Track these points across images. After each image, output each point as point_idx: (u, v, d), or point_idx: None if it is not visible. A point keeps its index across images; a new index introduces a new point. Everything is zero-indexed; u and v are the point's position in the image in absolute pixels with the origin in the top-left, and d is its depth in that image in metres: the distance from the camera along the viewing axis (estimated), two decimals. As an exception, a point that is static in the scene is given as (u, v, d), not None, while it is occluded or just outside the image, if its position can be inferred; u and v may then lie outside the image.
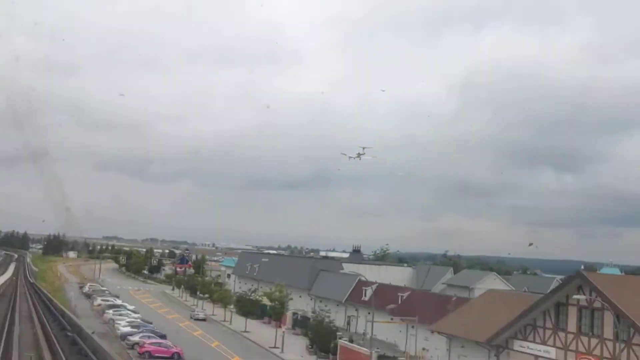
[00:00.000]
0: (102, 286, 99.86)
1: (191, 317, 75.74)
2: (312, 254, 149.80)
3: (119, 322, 60.26)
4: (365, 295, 69.09)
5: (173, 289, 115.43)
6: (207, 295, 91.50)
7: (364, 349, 50.51)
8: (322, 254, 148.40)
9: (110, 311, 67.23)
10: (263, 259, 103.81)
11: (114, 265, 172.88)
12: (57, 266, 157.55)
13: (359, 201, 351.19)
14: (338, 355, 52.90)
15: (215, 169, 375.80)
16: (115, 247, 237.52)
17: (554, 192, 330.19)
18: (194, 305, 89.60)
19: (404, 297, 64.34)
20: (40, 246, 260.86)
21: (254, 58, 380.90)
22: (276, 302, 59.22)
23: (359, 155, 58.97)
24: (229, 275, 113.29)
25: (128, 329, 55.68)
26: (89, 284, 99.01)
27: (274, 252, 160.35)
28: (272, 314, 60.63)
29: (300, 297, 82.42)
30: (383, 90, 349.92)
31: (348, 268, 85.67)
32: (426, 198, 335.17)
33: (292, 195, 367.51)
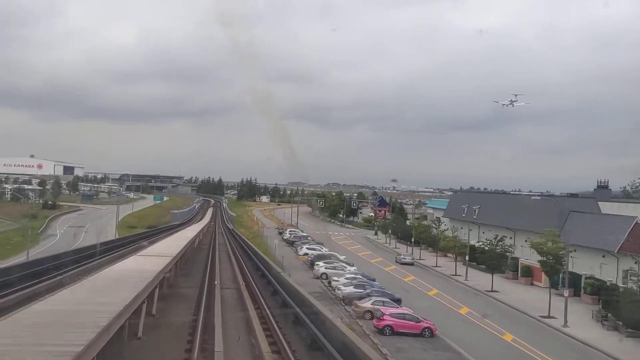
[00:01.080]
0: (302, 232, 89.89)
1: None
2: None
3: (335, 278, 47.45)
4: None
5: (376, 234, 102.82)
6: (426, 245, 77.02)
7: None
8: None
9: (321, 263, 55.02)
10: (487, 200, 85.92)
11: (306, 209, 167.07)
12: (252, 210, 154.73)
13: (543, 139, 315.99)
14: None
15: (391, 113, 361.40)
16: (305, 192, 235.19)
17: None
18: (410, 256, 75.23)
19: None
20: (235, 192, 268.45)
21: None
22: (549, 257, 41.79)
23: (511, 102, 61.50)
24: (438, 219, 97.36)
25: (350, 289, 42.39)
26: (288, 230, 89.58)
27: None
28: (548, 271, 43.28)
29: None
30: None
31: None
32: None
33: (471, 136, 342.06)
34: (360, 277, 47.92)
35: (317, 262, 56.02)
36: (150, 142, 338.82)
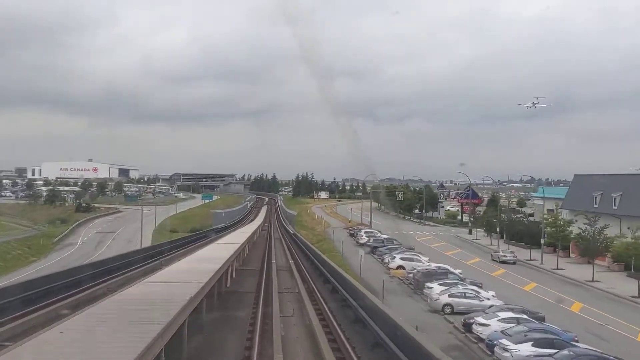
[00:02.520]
0: (379, 232, 69.76)
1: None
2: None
3: (478, 319, 27.18)
4: None
5: (470, 232, 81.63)
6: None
7: None
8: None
9: (435, 285, 34.80)
10: (631, 184, 63.38)
11: (367, 204, 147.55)
12: (311, 208, 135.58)
13: (604, 126, 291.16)
14: None
15: (445, 105, 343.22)
16: (367, 187, 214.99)
17: None
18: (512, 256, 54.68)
19: None
20: (289, 189, 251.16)
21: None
22: None
23: (534, 104, 72.27)
24: (553, 211, 75.10)
25: (528, 349, 22.06)
26: (363, 231, 69.57)
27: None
28: None
29: None
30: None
31: None
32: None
33: (528, 125, 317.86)
34: (524, 315, 27.45)
35: (428, 284, 35.82)
36: (204, 144, 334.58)
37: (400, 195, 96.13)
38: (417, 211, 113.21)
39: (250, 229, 59.21)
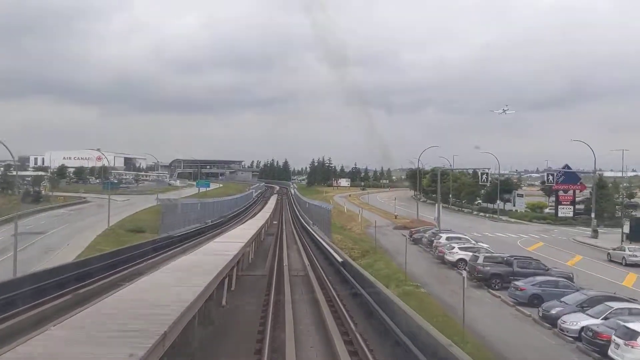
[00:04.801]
0: (464, 235, 40.73)
1: None
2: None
3: None
4: None
5: (595, 232, 52.20)
6: None
7: None
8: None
9: None
10: None
11: (402, 193, 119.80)
12: (332, 198, 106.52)
13: (626, 114, 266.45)
14: None
15: (461, 94, 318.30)
16: (392, 175, 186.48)
17: None
18: None
19: None
20: (303, 177, 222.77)
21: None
22: None
23: (504, 110, 75.55)
24: None
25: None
26: (444, 235, 40.05)
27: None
28: None
29: None
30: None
31: None
32: None
33: (547, 114, 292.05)
34: None
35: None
36: (216, 132, 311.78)
37: (485, 177, 66.20)
38: (479, 202, 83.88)
39: (248, 232, 30.96)
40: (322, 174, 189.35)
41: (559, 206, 67.30)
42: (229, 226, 48.06)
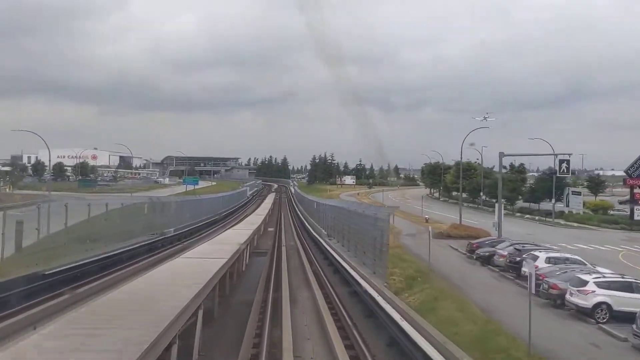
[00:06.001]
0: (565, 252, 25.79)
1: None
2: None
3: None
4: None
5: None
6: None
7: None
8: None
9: None
10: None
11: (418, 191, 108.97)
12: (339, 196, 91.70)
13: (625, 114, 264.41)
14: None
15: (459, 93, 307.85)
16: (402, 173, 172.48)
17: None
18: None
19: None
20: (303, 176, 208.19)
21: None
22: None
23: (485, 118, 68.64)
24: None
25: None
26: (543, 254, 24.83)
27: None
28: None
29: None
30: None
31: None
32: None
33: (546, 114, 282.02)
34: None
35: None
36: (213, 132, 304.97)
37: (566, 167, 51.14)
38: (521, 201, 69.27)
39: (208, 269, 15.93)
40: (323, 171, 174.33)
41: (635, 206, 52.42)
42: (194, 240, 33.18)
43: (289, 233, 42.08)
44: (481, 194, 76.86)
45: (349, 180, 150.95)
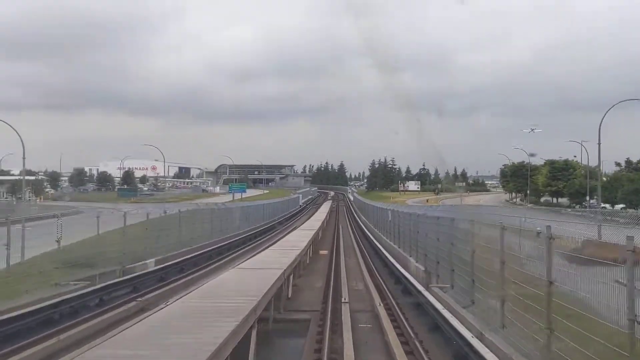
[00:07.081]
0: None
1: None
2: None
3: None
4: None
5: None
6: None
7: None
8: None
9: None
10: None
11: (489, 196, 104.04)
12: (405, 203, 78.63)
13: None
14: None
15: (514, 97, 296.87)
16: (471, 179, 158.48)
17: None
18: None
19: None
20: (361, 183, 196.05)
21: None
22: None
23: (532, 130, 74.33)
24: None
25: None
26: None
27: None
28: None
29: None
30: None
31: None
32: None
33: (608, 114, 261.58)
34: None
35: None
36: (267, 139, 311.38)
37: None
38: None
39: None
40: (384, 177, 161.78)
41: None
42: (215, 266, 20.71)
43: (351, 257, 28.97)
44: (587, 197, 62.27)
45: (412, 186, 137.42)
